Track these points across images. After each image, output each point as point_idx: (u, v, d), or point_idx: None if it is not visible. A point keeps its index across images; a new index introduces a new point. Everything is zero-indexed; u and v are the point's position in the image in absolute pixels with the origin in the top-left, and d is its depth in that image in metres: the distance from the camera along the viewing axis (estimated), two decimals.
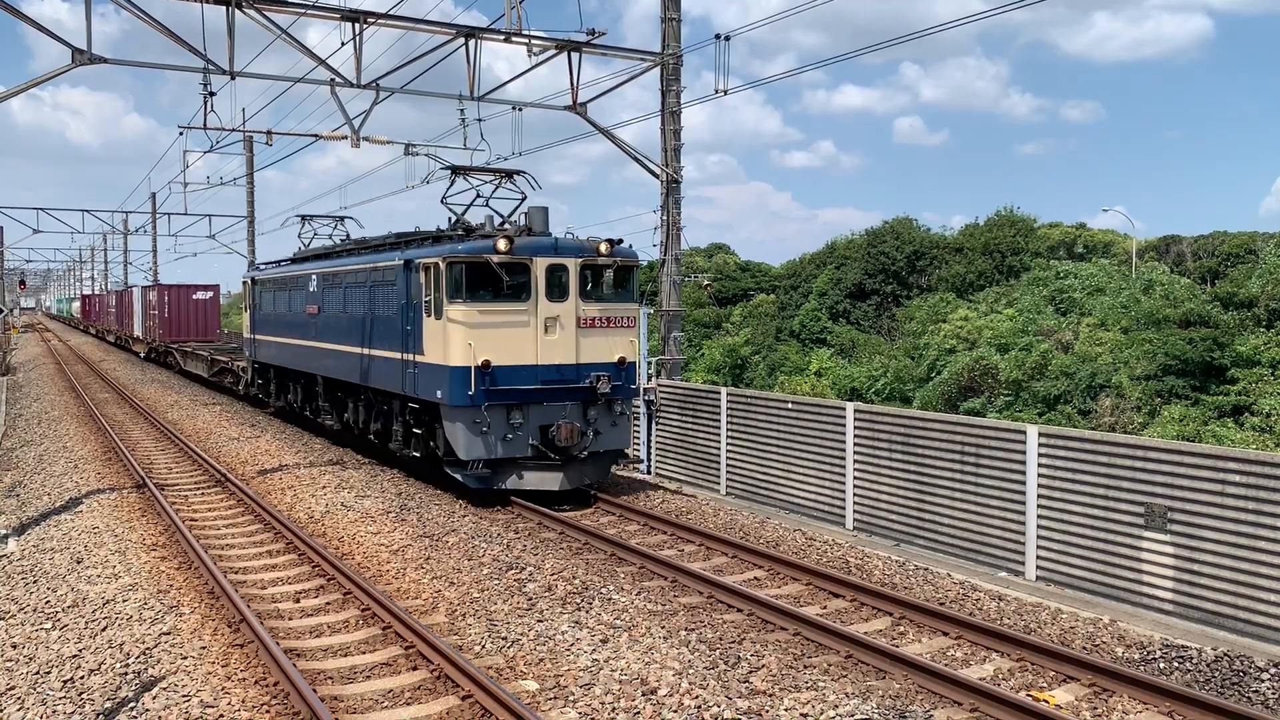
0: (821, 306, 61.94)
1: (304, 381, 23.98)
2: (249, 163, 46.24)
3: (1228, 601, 10.39)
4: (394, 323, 17.09)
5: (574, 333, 15.71)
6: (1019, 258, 57.86)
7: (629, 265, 16.50)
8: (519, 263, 15.38)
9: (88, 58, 15.79)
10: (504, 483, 15.57)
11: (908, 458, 14.06)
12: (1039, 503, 12.23)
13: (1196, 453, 10.82)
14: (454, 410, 15.19)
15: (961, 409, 36.73)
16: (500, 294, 15.33)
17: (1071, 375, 36.40)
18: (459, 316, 15.08)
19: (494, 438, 15.26)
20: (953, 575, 12.12)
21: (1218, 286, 43.89)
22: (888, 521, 14.37)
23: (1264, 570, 10.11)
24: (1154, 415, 33.28)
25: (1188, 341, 34.67)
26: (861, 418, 14.87)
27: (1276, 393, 31.78)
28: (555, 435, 15.40)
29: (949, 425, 13.61)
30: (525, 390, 15.33)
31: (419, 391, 16.13)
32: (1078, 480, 11.82)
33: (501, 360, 15.15)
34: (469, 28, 18.37)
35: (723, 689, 8.46)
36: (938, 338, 45.22)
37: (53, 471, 19.27)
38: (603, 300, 16.09)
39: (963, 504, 13.22)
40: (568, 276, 15.72)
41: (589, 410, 15.89)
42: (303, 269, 23.43)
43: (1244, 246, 55.51)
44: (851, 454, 14.92)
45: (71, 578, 11.99)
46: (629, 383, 16.27)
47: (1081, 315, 42.23)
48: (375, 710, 8.29)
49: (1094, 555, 11.63)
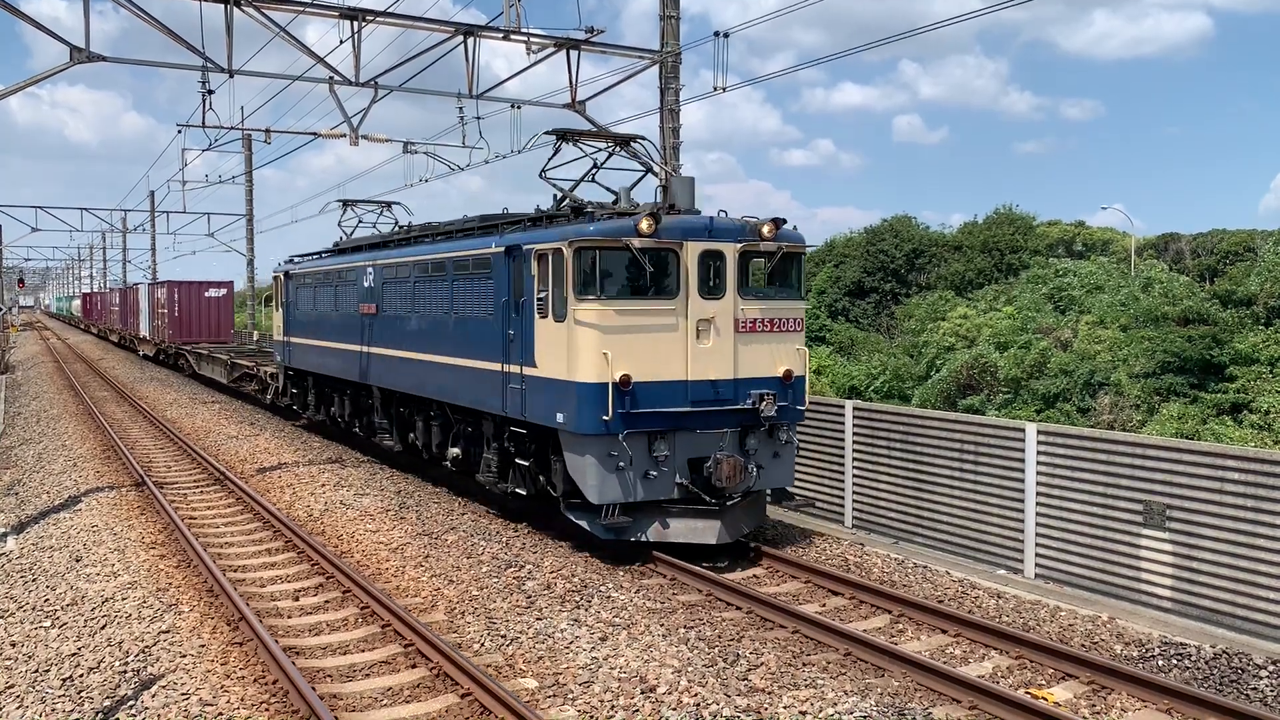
0: (820, 304, 61.94)
1: (352, 393, 20.86)
2: (248, 161, 46.23)
3: (1226, 599, 10.40)
4: (488, 325, 14.03)
5: (731, 338, 12.59)
6: (1018, 256, 57.90)
7: (796, 252, 13.29)
8: (666, 248, 12.22)
9: (86, 56, 15.77)
10: (644, 533, 12.32)
11: (907, 455, 14.06)
12: (1038, 500, 12.23)
13: (1195, 450, 10.82)
14: (582, 440, 12.07)
15: (960, 406, 36.74)
16: (641, 289, 12.23)
17: (1070, 373, 36.41)
18: (591, 318, 11.92)
19: (633, 475, 12.10)
20: (951, 573, 12.13)
21: (1216, 284, 43.91)
22: (887, 519, 14.38)
23: (1263, 568, 10.11)
24: (1153, 413, 33.29)
25: (1186, 339, 34.67)
26: (860, 416, 14.87)
27: (1275, 390, 31.80)
28: (712, 472, 12.28)
29: (948, 423, 13.61)
30: (673, 414, 12.20)
31: (528, 413, 13.01)
32: (1077, 478, 11.82)
33: (643, 375, 12.01)
34: (468, 25, 18.36)
35: (722, 687, 8.47)
36: (937, 336, 45.23)
37: (52, 470, 19.26)
38: (764, 297, 12.97)
39: (962, 502, 13.23)
40: (724, 266, 12.58)
41: (748, 438, 12.81)
42: (353, 260, 19.95)
43: (1243, 244, 55.52)
44: (851, 452, 14.92)
45: (70, 576, 12.00)
46: (796, 402, 13.13)
47: (1080, 313, 42.24)
48: (374, 708, 8.29)
49: (1093, 553, 11.63)
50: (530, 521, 14.57)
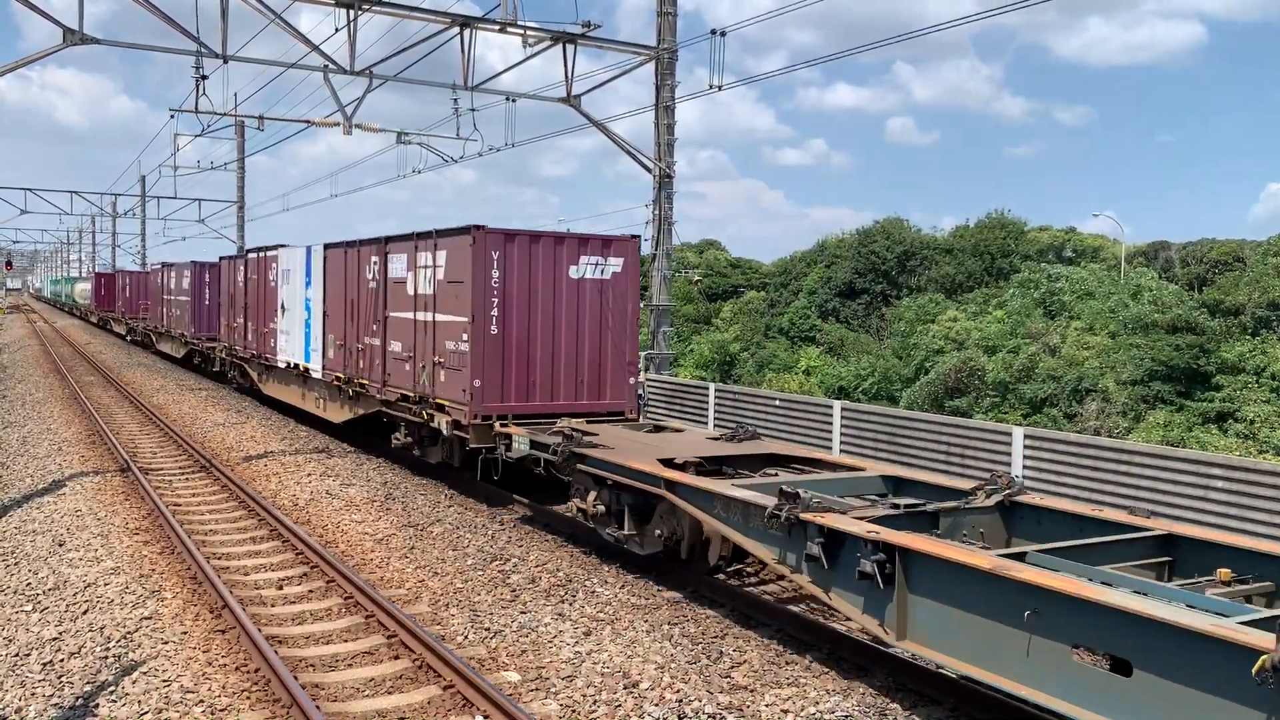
0: (811, 304, 62.08)
1: None
2: (240, 147, 46.06)
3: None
4: None
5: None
6: (1009, 260, 58.12)
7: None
8: None
9: (79, 38, 15.68)
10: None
11: (894, 457, 14.09)
12: None
13: (1181, 457, 10.88)
14: None
15: (947, 409, 36.87)
16: None
17: (1058, 378, 36.58)
18: None
19: None
20: None
21: (1205, 293, 44.15)
22: None
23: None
24: (1139, 420, 33.47)
25: (1174, 347, 34.87)
26: (848, 416, 14.89)
27: (1260, 400, 32.00)
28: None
29: (935, 425, 13.65)
30: None
31: None
32: (1062, 482, 11.87)
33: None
34: (464, 17, 18.32)
35: (704, 683, 8.47)
36: (926, 338, 45.38)
37: (36, 454, 19.17)
38: None
39: None
40: None
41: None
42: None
43: (1232, 254, 55.84)
44: (838, 452, 14.94)
45: (53, 560, 11.94)
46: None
47: (1070, 319, 42.44)
48: (356, 698, 8.27)
49: None
50: (516, 515, 14.56)
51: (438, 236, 15.22)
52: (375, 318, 17.51)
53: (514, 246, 14.43)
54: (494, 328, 14.33)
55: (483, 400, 14.31)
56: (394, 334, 16.82)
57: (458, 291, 14.57)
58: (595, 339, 15.19)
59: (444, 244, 15.01)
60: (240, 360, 27.12)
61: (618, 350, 15.33)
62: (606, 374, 15.26)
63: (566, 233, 15.52)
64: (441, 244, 15.08)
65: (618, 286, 15.29)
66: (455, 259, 14.66)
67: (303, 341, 21.35)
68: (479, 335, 14.25)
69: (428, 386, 15.48)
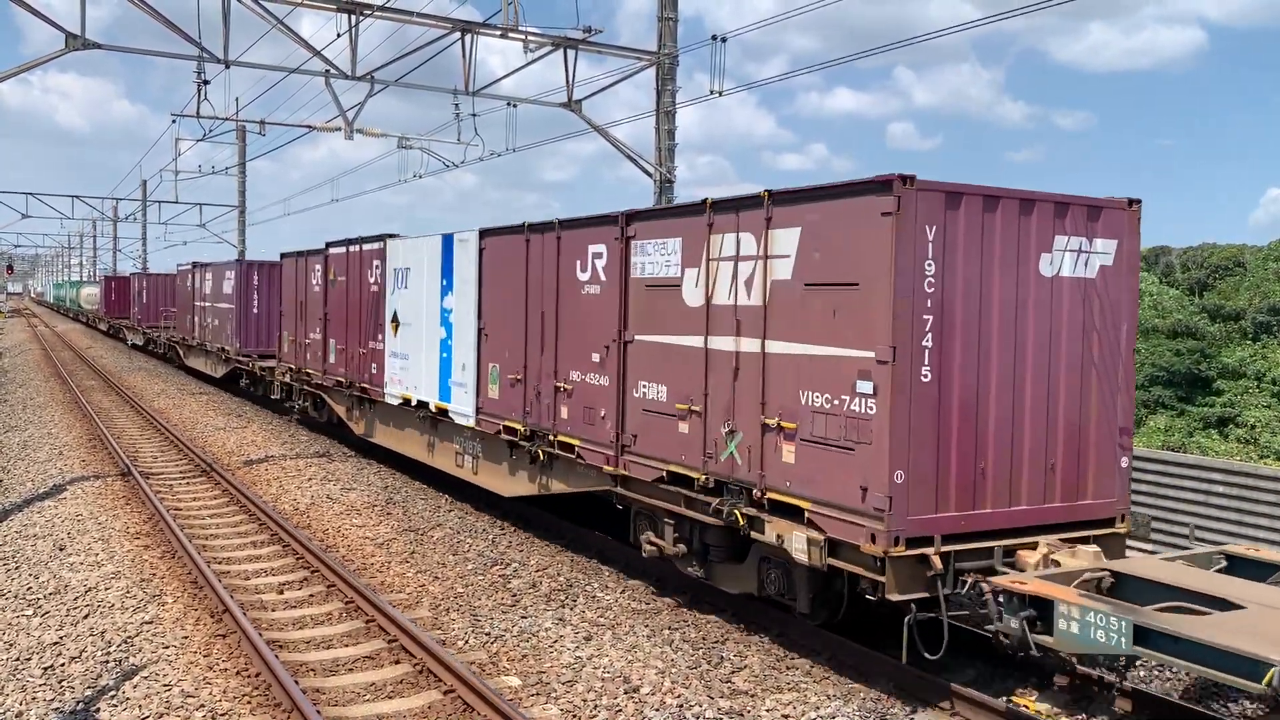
0: None
1: None
2: (241, 152, 46.06)
3: None
4: None
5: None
6: None
7: None
8: None
9: (81, 43, 15.72)
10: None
11: None
12: None
13: (1182, 463, 10.88)
14: None
15: None
16: None
17: None
18: None
19: None
20: None
21: (1205, 298, 44.15)
22: None
23: None
24: (1140, 425, 33.47)
25: (1175, 352, 34.89)
26: None
27: (1261, 404, 32.01)
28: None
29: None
30: None
31: None
32: None
33: None
34: (465, 22, 18.36)
35: (705, 688, 8.48)
36: None
37: (37, 458, 19.18)
38: None
39: None
40: None
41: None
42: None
43: (1232, 259, 55.82)
44: None
45: (54, 564, 11.94)
46: None
47: None
48: (357, 703, 8.28)
49: None
50: (517, 519, 14.56)
51: (774, 204, 8.95)
52: (601, 341, 11.37)
53: (959, 217, 8.22)
54: (926, 371, 8.11)
55: (908, 509, 8.02)
56: (644, 369, 10.75)
57: (840, 301, 8.35)
58: (1075, 387, 8.94)
59: (800, 214, 8.74)
60: (316, 389, 20.66)
61: (1104, 407, 9.07)
62: (1089, 450, 9.02)
63: (1033, 193, 8.65)
64: (789, 215, 8.83)
65: (1108, 291, 9.04)
66: (832, 238, 8.44)
67: (434, 370, 15.20)
68: (901, 384, 7.97)
69: (743, 467, 9.34)
